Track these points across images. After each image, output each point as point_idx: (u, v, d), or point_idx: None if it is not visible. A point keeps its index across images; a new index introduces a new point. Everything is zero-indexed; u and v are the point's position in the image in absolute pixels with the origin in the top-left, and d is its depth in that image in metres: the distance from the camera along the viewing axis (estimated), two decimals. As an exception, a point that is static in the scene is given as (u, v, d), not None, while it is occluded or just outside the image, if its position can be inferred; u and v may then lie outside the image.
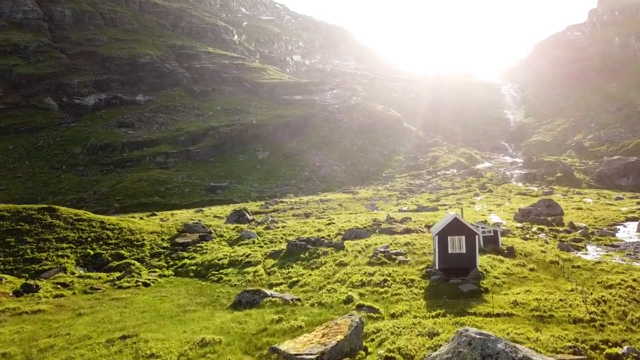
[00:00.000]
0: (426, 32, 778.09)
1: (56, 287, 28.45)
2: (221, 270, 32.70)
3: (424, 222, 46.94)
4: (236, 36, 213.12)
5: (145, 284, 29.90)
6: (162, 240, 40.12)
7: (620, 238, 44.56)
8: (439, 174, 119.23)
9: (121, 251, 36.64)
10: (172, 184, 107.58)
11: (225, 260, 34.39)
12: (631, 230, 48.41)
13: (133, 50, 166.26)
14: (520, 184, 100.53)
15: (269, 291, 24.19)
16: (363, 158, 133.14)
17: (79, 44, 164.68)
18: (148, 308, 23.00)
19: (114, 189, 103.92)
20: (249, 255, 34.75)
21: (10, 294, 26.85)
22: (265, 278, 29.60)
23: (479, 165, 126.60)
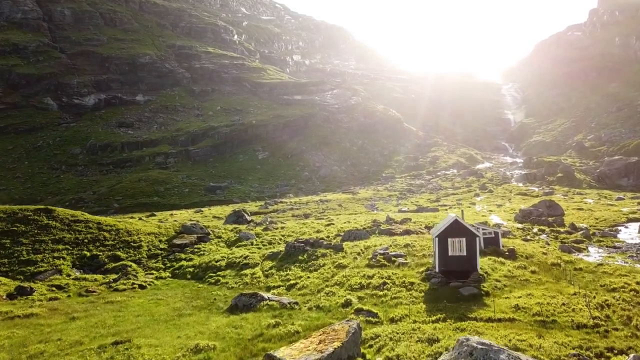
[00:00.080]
0: (427, 32, 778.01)
1: (51, 290, 28.05)
2: (218, 273, 32.29)
3: (424, 223, 46.52)
4: (236, 36, 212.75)
5: (141, 286, 29.49)
6: (160, 241, 39.70)
7: (622, 239, 44.15)
8: (439, 174, 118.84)
9: (118, 253, 36.21)
10: (172, 184, 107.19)
11: (222, 262, 33.98)
12: (633, 231, 47.99)
13: (133, 50, 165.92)
14: (520, 184, 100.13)
15: (266, 294, 23.79)
16: (363, 158, 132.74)
17: (79, 43, 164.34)
18: (143, 312, 22.59)
19: (114, 189, 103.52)
20: (247, 257, 34.34)
21: (4, 297, 26.49)
22: (262, 280, 29.19)
23: (479, 166, 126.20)
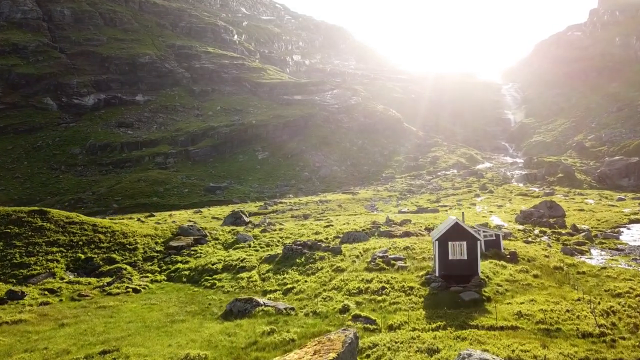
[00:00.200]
0: (427, 32, 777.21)
1: (43, 294, 27.47)
2: (215, 276, 31.71)
3: (424, 225, 45.96)
4: (236, 36, 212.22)
5: (135, 290, 28.93)
6: (156, 243, 39.13)
7: (625, 241, 43.57)
8: (439, 174, 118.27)
9: (113, 255, 35.63)
10: (171, 184, 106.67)
11: (219, 265, 33.41)
12: (635, 233, 47.42)
13: (132, 50, 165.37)
14: (521, 185, 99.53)
15: (262, 299, 23.23)
16: (363, 158, 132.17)
17: (79, 43, 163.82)
18: (135, 317, 22.01)
19: (113, 190, 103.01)
20: (244, 260, 33.77)
21: (-5, 301, 25.94)
22: (259, 284, 28.60)
23: (480, 166, 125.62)
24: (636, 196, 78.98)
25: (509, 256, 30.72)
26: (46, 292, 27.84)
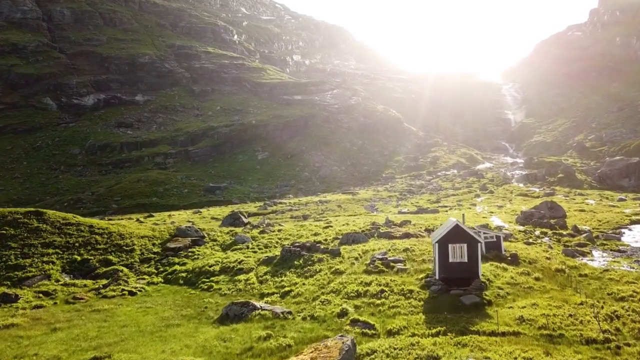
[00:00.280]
0: (427, 32, 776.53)
1: (37, 297, 27.09)
2: (212, 278, 31.31)
3: (424, 226, 45.56)
4: (236, 36, 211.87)
5: (131, 293, 28.54)
6: (153, 245, 38.74)
7: (627, 242, 43.19)
8: (439, 174, 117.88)
9: (110, 257, 35.25)
10: (171, 184, 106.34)
11: (216, 267, 33.01)
12: (636, 234, 47.06)
13: (132, 50, 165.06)
14: (521, 185, 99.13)
15: (259, 303, 22.85)
16: (363, 158, 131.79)
17: (78, 43, 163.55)
18: (129, 322, 21.62)
19: (112, 190, 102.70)
20: (242, 262, 33.37)
21: (-11, 304, 25.56)
22: (257, 287, 28.21)
23: (480, 166, 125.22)
24: (637, 196, 78.57)
25: (510, 258, 30.32)
26: (41, 295, 27.45)
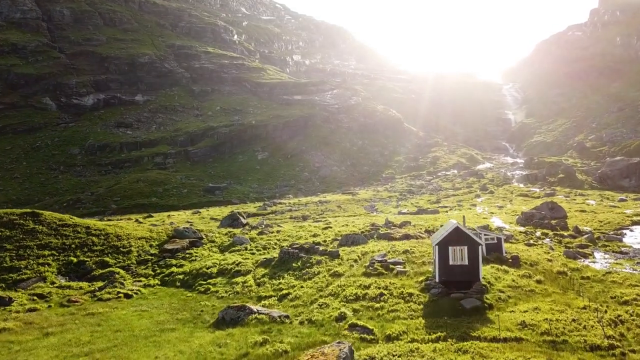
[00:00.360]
0: (427, 32, 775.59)
1: (32, 299, 26.70)
2: (209, 280, 30.91)
3: (424, 227, 45.20)
4: (236, 36, 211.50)
5: (127, 296, 28.14)
6: (151, 246, 38.36)
7: (629, 244, 42.79)
8: (439, 174, 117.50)
9: (106, 258, 34.85)
10: (170, 184, 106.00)
11: (214, 269, 32.61)
12: (638, 235, 46.69)
13: (132, 50, 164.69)
14: (521, 185, 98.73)
15: (255, 307, 22.46)
16: (363, 158, 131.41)
17: (78, 43, 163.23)
18: (123, 326, 21.23)
19: (112, 190, 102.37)
20: (239, 264, 32.97)
21: (-18, 307, 25.16)
22: (254, 290, 27.82)
23: (480, 166, 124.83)
24: (637, 197, 78.20)
25: (511, 260, 29.94)
26: (35, 298, 27.05)
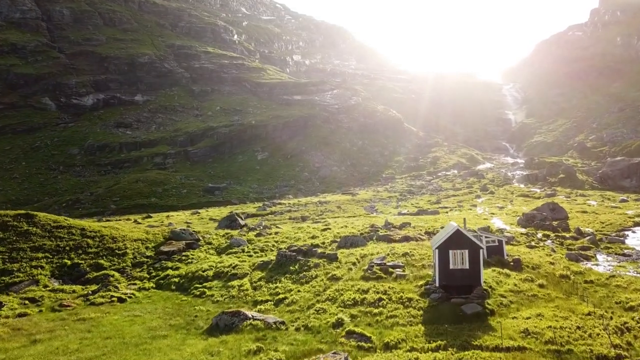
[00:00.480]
0: (427, 32, 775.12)
1: (23, 304, 26.14)
2: (205, 283, 30.32)
3: (424, 228, 44.64)
4: (236, 36, 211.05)
5: (120, 300, 27.57)
6: (147, 248, 37.81)
7: (631, 246, 42.15)
8: (439, 174, 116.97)
9: (101, 261, 34.29)
10: (170, 184, 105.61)
11: (210, 272, 32.05)
12: (641, 237, 46.00)
13: (132, 50, 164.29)
14: (522, 185, 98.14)
15: (250, 312, 21.91)
16: (363, 159, 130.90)
17: (78, 43, 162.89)
18: (114, 333, 20.65)
19: (111, 190, 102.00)
20: (236, 267, 32.42)
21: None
22: (250, 294, 27.25)
23: (480, 166, 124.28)
24: (638, 197, 77.64)
25: (512, 263, 29.38)
26: (27, 302, 26.49)
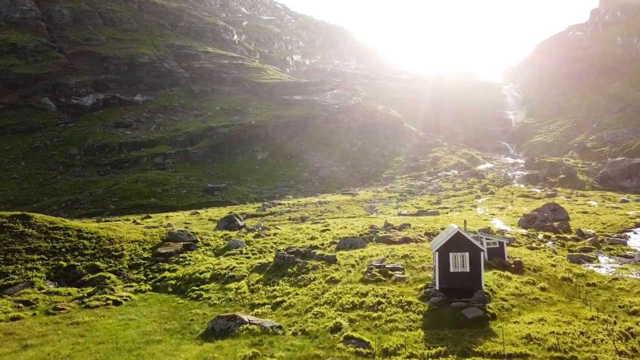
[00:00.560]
0: (427, 32, 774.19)
1: (17, 307, 25.76)
2: (202, 286, 29.93)
3: (424, 229, 44.25)
4: (236, 36, 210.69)
5: (115, 303, 27.17)
6: (144, 250, 37.41)
7: (633, 247, 41.78)
8: (439, 175, 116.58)
9: (97, 263, 33.90)
10: (170, 185, 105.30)
11: (207, 274, 31.64)
12: (643, 238, 45.62)
13: (132, 50, 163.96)
14: (522, 186, 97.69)
15: (247, 317, 21.53)
16: (363, 159, 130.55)
17: (77, 43, 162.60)
18: (107, 337, 20.26)
19: (110, 190, 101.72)
20: (234, 269, 32.01)
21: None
22: (247, 297, 26.85)
23: (480, 166, 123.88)
24: (639, 198, 77.32)
25: (513, 266, 28.97)
26: (21, 305, 26.10)
